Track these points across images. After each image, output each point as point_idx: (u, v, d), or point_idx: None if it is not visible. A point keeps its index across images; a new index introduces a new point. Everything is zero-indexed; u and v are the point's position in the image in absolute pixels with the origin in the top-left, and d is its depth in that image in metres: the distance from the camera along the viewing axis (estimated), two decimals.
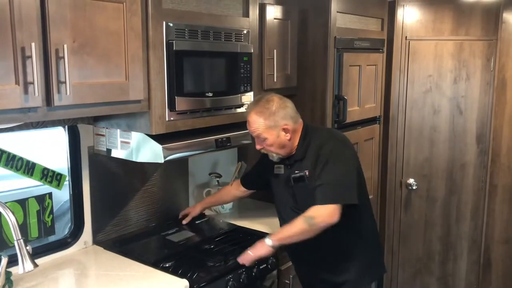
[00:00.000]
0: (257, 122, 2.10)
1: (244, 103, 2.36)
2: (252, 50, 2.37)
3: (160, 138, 2.04)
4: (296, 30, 2.78)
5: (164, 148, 2.03)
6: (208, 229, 2.65)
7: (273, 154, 2.18)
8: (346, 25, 2.91)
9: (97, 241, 2.36)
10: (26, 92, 1.53)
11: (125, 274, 2.06)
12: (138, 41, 1.86)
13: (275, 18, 2.61)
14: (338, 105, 2.85)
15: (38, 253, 2.08)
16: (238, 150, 3.14)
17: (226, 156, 3.07)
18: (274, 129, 2.10)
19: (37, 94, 1.54)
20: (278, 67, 2.64)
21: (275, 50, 2.60)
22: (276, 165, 2.26)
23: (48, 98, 1.61)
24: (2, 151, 2.01)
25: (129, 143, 2.12)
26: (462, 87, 3.38)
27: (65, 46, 1.60)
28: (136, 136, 2.09)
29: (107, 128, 2.19)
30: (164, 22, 1.95)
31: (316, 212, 2.04)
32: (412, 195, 3.54)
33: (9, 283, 1.85)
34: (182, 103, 2.05)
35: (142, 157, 2.10)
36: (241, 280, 2.20)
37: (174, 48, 1.98)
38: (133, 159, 2.13)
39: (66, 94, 1.63)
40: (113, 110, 1.88)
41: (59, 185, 2.23)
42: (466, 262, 3.59)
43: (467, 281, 3.61)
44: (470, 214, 3.52)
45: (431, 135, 3.46)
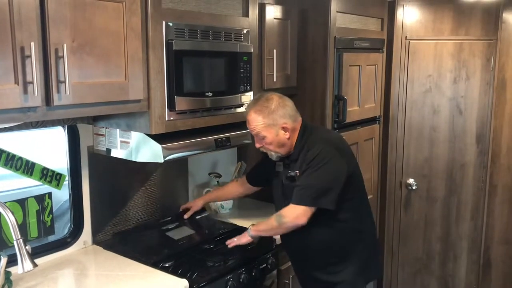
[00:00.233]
0: (256, 121, 2.10)
1: (244, 103, 2.36)
2: (251, 50, 2.37)
3: (159, 138, 2.04)
4: (296, 30, 2.78)
5: (163, 148, 2.03)
6: (208, 228, 2.65)
7: (272, 153, 2.18)
8: (346, 25, 2.91)
9: (96, 241, 2.36)
10: (25, 91, 1.53)
11: (125, 274, 2.06)
12: (137, 41, 1.86)
13: (275, 18, 2.61)
14: (338, 105, 2.85)
15: (37, 253, 2.08)
16: (237, 150, 3.14)
17: (226, 156, 3.07)
18: (273, 127, 2.10)
19: (37, 94, 1.54)
20: (278, 67, 2.64)
21: (275, 50, 2.60)
22: (277, 163, 2.26)
23: (47, 98, 1.61)
24: (2, 151, 2.01)
25: (128, 143, 2.12)
26: (462, 87, 3.38)
27: (65, 45, 1.60)
28: (135, 136, 2.09)
29: (106, 128, 2.19)
30: (164, 22, 1.95)
31: (286, 212, 2.10)
32: (412, 195, 3.54)
33: (8, 283, 1.85)
34: (182, 103, 2.05)
35: (141, 157, 2.10)
36: (240, 280, 2.20)
37: (174, 48, 1.98)
38: (133, 159, 2.13)
39: (66, 93, 1.63)
40: (113, 110, 1.88)
41: (58, 185, 2.22)
42: (466, 262, 3.59)
43: (467, 281, 3.61)
44: (470, 214, 3.52)
45: (431, 135, 3.46)
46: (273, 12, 2.59)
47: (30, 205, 2.14)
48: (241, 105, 2.36)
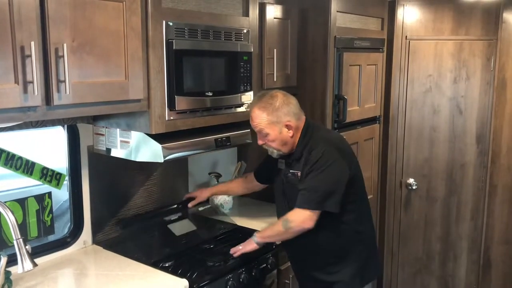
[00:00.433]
0: (259, 117, 2.09)
1: (244, 102, 2.36)
2: (252, 49, 2.37)
3: (159, 138, 2.03)
4: (296, 30, 2.78)
5: (163, 147, 2.03)
6: (208, 228, 2.65)
7: (274, 151, 2.17)
8: (346, 24, 2.91)
9: (96, 241, 2.36)
10: (25, 91, 1.53)
11: (125, 274, 2.06)
12: (137, 40, 1.86)
13: (275, 18, 2.61)
14: (338, 105, 2.85)
15: (37, 253, 2.08)
16: (238, 149, 3.14)
17: (226, 156, 3.07)
18: (277, 125, 2.09)
19: (37, 93, 1.54)
20: (278, 66, 2.64)
21: (275, 50, 2.60)
22: (279, 160, 2.26)
23: (47, 97, 1.61)
24: (2, 150, 2.00)
25: (128, 142, 2.12)
26: (462, 87, 3.38)
27: (65, 45, 1.60)
28: (135, 136, 2.08)
29: (106, 128, 2.18)
30: (164, 21, 1.95)
31: (292, 216, 2.09)
32: (412, 195, 3.54)
33: (8, 282, 1.85)
34: (182, 102, 2.05)
35: (141, 156, 2.10)
36: (240, 280, 2.20)
37: (174, 48, 1.98)
38: (133, 159, 2.12)
39: (66, 93, 1.62)
40: (113, 110, 1.88)
41: (58, 185, 2.22)
42: (466, 262, 3.59)
43: (467, 281, 3.61)
44: (470, 214, 3.52)
45: (431, 135, 3.45)
46: (273, 12, 2.59)
47: (30, 204, 2.14)
48: (241, 105, 2.36)
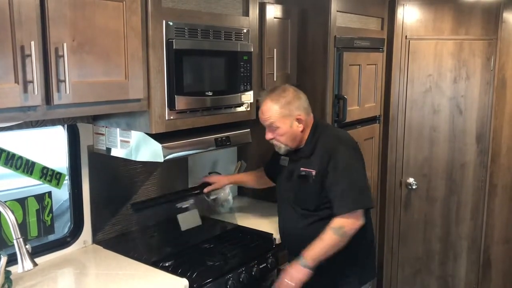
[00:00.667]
0: (272, 110, 2.09)
1: (244, 102, 2.36)
2: (252, 49, 2.37)
3: (159, 137, 2.03)
4: (296, 29, 2.78)
5: (163, 147, 2.03)
6: (208, 227, 2.65)
7: (282, 145, 2.16)
8: (346, 24, 2.91)
9: (96, 240, 2.36)
10: (25, 90, 1.53)
11: (125, 273, 2.06)
12: (137, 40, 1.86)
13: (275, 17, 2.61)
14: (338, 105, 2.85)
15: (37, 252, 2.08)
16: (237, 149, 3.14)
17: (225, 155, 3.07)
18: (288, 118, 2.09)
19: (37, 93, 1.54)
20: (278, 66, 2.64)
21: (275, 49, 2.60)
22: (282, 156, 2.25)
23: (47, 97, 1.61)
24: (2, 150, 2.00)
25: (128, 142, 2.12)
26: (462, 87, 3.38)
27: (65, 45, 1.59)
28: (135, 135, 2.08)
29: (106, 127, 2.18)
30: (164, 21, 1.95)
31: (342, 221, 2.05)
32: (412, 195, 3.54)
33: (8, 282, 1.85)
34: (182, 102, 2.05)
35: (142, 156, 2.10)
36: (240, 279, 2.20)
37: (174, 47, 1.98)
38: (133, 158, 2.12)
39: (66, 92, 1.62)
40: (113, 109, 1.87)
41: (58, 184, 2.22)
42: (465, 262, 3.59)
43: (467, 281, 3.61)
44: (470, 214, 3.52)
45: (431, 135, 3.45)
46: (273, 12, 2.59)
47: (30, 204, 2.14)
48: (241, 105, 2.36)
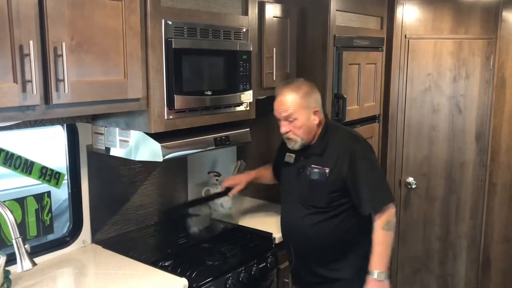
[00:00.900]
0: (292, 100, 2.07)
1: (243, 101, 2.36)
2: (251, 48, 2.36)
3: (159, 137, 2.03)
4: (296, 29, 2.78)
5: (163, 146, 2.03)
6: (207, 227, 2.64)
7: (298, 139, 2.12)
8: (345, 23, 2.90)
9: (96, 240, 2.36)
10: (24, 90, 1.52)
11: (124, 273, 2.06)
12: (136, 39, 1.86)
13: (274, 17, 2.60)
14: (338, 104, 2.85)
15: (36, 252, 2.08)
16: (237, 148, 3.14)
17: (225, 155, 3.07)
18: (307, 110, 2.09)
19: (35, 92, 1.54)
20: (278, 65, 2.63)
21: (274, 49, 2.59)
22: (287, 153, 2.24)
23: (46, 96, 1.61)
24: (1, 150, 2.00)
25: (128, 141, 2.12)
26: (461, 86, 3.38)
27: (63, 44, 1.59)
28: (135, 135, 2.08)
29: (105, 127, 2.18)
30: (163, 20, 1.95)
31: (385, 216, 2.09)
32: (411, 194, 3.54)
33: (7, 281, 1.85)
34: (181, 101, 2.04)
35: (141, 155, 2.09)
36: (240, 279, 2.20)
37: (173, 46, 1.97)
38: (132, 158, 2.12)
39: (65, 92, 1.62)
40: (112, 109, 1.87)
41: (57, 184, 2.22)
42: (465, 261, 3.59)
43: (467, 280, 3.61)
44: (470, 213, 3.52)
45: (431, 134, 3.45)
46: (273, 11, 2.59)
47: (29, 204, 2.13)
48: (240, 104, 2.36)
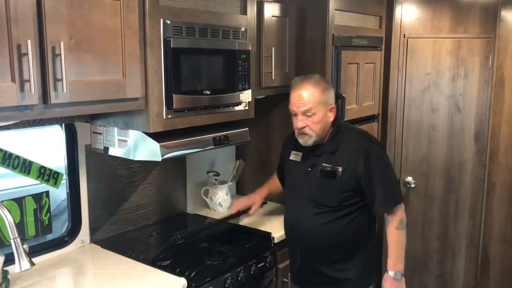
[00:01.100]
0: (313, 94, 2.06)
1: (242, 101, 2.35)
2: (250, 47, 2.36)
3: (157, 136, 2.03)
4: (294, 28, 2.78)
5: (161, 146, 2.03)
6: (206, 227, 2.64)
7: (313, 135, 2.09)
8: (344, 22, 2.90)
9: (94, 240, 2.35)
10: (22, 89, 1.52)
11: (123, 273, 2.05)
12: (135, 39, 1.85)
13: (273, 16, 2.60)
14: (336, 103, 2.82)
15: (35, 252, 2.08)
16: (236, 148, 3.13)
17: (224, 154, 3.07)
18: (325, 105, 2.09)
19: (34, 92, 1.53)
20: (276, 65, 2.63)
21: (273, 48, 2.59)
22: (293, 152, 2.23)
23: (44, 96, 1.60)
24: None
25: (126, 141, 2.11)
26: (460, 85, 3.38)
27: (62, 43, 1.59)
28: (133, 134, 2.08)
29: (104, 126, 2.18)
30: (162, 20, 1.94)
31: (398, 215, 2.13)
32: (410, 193, 3.54)
33: (6, 282, 1.84)
34: (180, 101, 2.04)
35: (139, 155, 2.09)
36: (239, 278, 2.20)
37: (172, 46, 1.97)
38: (131, 157, 2.12)
39: (63, 91, 1.62)
40: (110, 108, 1.87)
41: (56, 184, 2.22)
42: (464, 260, 3.59)
43: (465, 279, 3.61)
44: (468, 212, 3.52)
45: (429, 133, 3.45)
46: (271, 10, 2.58)
47: (28, 203, 2.13)
48: (239, 103, 2.35)
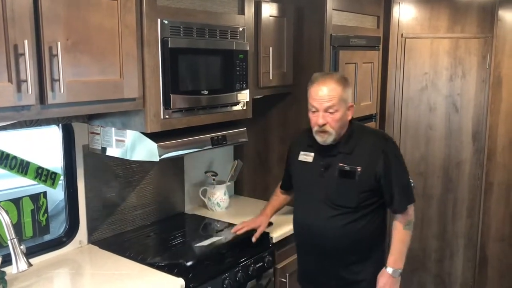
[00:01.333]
0: (336, 90, 2.02)
1: (240, 101, 2.35)
2: (247, 47, 2.36)
3: (155, 136, 2.02)
4: (292, 28, 2.78)
5: (159, 146, 2.02)
6: (205, 227, 2.64)
7: (333, 133, 2.05)
8: (342, 22, 2.90)
9: (92, 240, 2.35)
10: (19, 90, 1.52)
11: (121, 273, 2.05)
12: (132, 39, 1.85)
13: (270, 16, 2.60)
14: None
15: (32, 253, 2.07)
16: (234, 148, 3.13)
17: (222, 154, 3.06)
18: (345, 103, 2.06)
19: (31, 92, 1.53)
20: (274, 64, 2.63)
21: (271, 48, 2.59)
22: (303, 152, 2.20)
23: (41, 96, 1.60)
24: None
25: (124, 141, 2.11)
26: (457, 85, 3.38)
27: (59, 43, 1.58)
28: (131, 135, 2.07)
29: (101, 127, 2.17)
30: (159, 20, 1.94)
31: (407, 216, 2.16)
32: None
33: (3, 283, 1.84)
34: (177, 101, 2.04)
35: (137, 155, 2.09)
36: (237, 278, 2.20)
37: (169, 46, 1.97)
38: (128, 158, 2.11)
39: (60, 92, 1.61)
40: (108, 108, 1.86)
41: (53, 184, 2.21)
42: (462, 259, 3.60)
43: (463, 279, 3.62)
44: (466, 211, 3.53)
45: (427, 133, 3.46)
46: (269, 10, 2.58)
47: (25, 204, 2.12)
48: (237, 103, 2.35)
